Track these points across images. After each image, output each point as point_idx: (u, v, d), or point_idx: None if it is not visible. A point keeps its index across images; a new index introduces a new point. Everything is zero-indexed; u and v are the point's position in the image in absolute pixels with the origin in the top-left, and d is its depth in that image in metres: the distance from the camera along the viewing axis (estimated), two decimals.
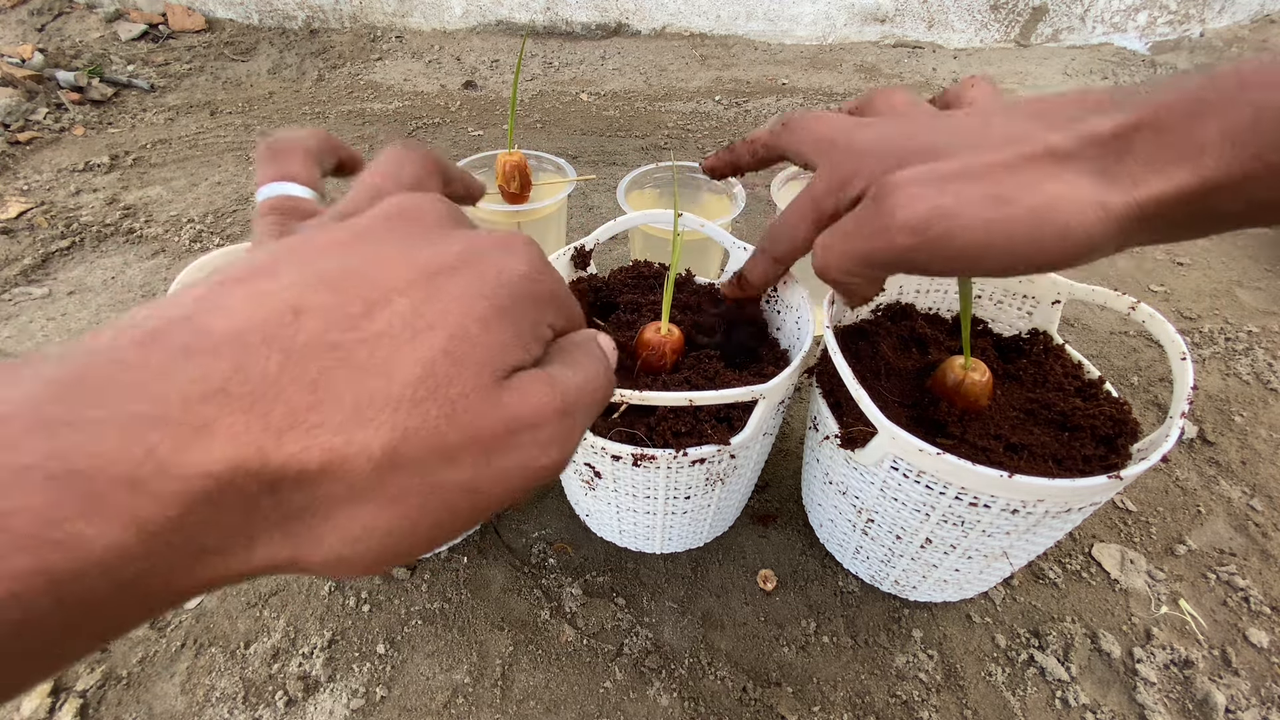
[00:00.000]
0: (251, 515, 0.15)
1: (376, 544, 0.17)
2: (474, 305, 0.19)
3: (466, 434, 0.17)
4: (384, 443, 0.16)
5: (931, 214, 0.26)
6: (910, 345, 0.48)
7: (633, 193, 0.65)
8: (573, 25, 1.60)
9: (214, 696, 0.44)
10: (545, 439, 0.19)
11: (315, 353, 0.16)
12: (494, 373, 0.18)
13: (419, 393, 0.17)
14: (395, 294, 0.18)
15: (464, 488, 0.17)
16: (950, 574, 0.44)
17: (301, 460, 0.15)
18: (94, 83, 1.28)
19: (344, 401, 0.16)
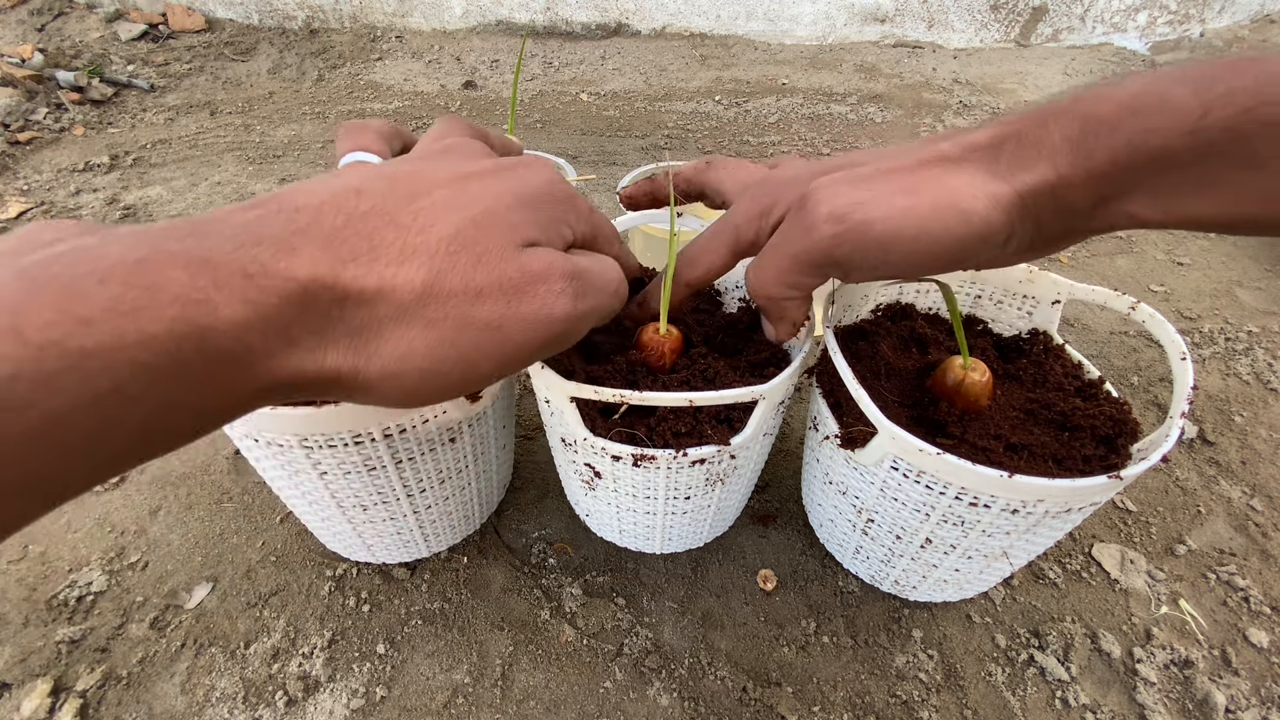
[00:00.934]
0: (326, 321, 0.19)
1: (419, 363, 0.21)
2: (500, 195, 0.24)
3: (491, 277, 0.22)
4: (424, 276, 0.21)
5: (850, 204, 0.29)
6: (910, 345, 0.48)
7: None
8: (573, 25, 1.60)
9: (214, 696, 0.44)
10: (557, 290, 0.23)
11: (371, 216, 0.21)
12: (514, 240, 0.23)
13: (453, 246, 0.22)
14: (436, 187, 0.23)
15: (490, 324, 0.22)
16: (950, 574, 0.44)
17: (361, 282, 0.20)
18: (94, 83, 1.28)
19: (393, 248, 0.21)
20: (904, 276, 0.33)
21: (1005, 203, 0.28)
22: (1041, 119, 0.28)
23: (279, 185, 1.02)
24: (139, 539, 0.53)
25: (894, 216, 0.28)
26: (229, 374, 0.18)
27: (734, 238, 0.36)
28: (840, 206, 0.29)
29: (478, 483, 0.49)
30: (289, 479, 0.41)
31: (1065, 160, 0.27)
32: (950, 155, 0.29)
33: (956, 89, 1.42)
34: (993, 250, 0.29)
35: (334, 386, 0.21)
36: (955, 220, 0.28)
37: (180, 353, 0.16)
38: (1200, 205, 0.26)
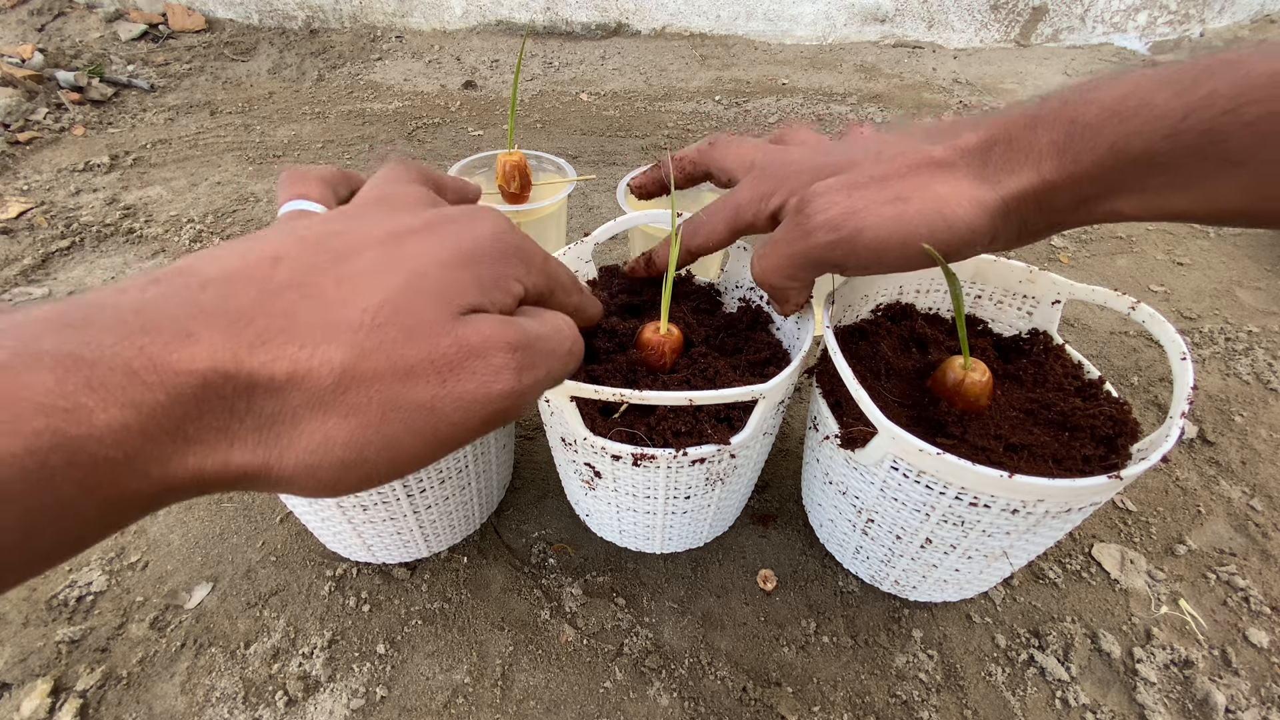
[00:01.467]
0: (230, 415, 0.17)
1: (339, 454, 0.19)
2: (436, 254, 0.22)
3: (422, 353, 0.20)
4: (344, 357, 0.18)
5: (844, 214, 0.31)
6: (910, 345, 0.48)
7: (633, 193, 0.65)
8: (573, 25, 1.60)
9: (214, 696, 0.44)
10: (497, 365, 0.21)
11: (288, 289, 0.19)
12: (451, 307, 0.21)
13: (378, 318, 0.19)
14: (365, 249, 0.21)
15: (421, 406, 0.20)
16: (950, 574, 0.44)
17: (271, 369, 0.17)
18: (94, 83, 1.28)
19: (311, 325, 0.18)
20: (897, 271, 0.35)
21: (990, 208, 0.29)
22: (1030, 122, 0.29)
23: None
24: (139, 539, 0.53)
25: (883, 225, 0.30)
26: (111, 483, 0.16)
27: (734, 215, 0.38)
28: (835, 216, 0.31)
29: (478, 483, 0.49)
30: None
31: (1051, 165, 0.28)
32: (941, 160, 0.31)
33: (956, 89, 1.42)
34: (976, 250, 0.31)
35: (244, 483, 0.18)
36: (941, 227, 0.30)
37: (46, 468, 0.14)
38: (1182, 201, 0.27)
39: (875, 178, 0.31)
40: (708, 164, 0.43)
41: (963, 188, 0.30)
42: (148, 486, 0.16)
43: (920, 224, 0.30)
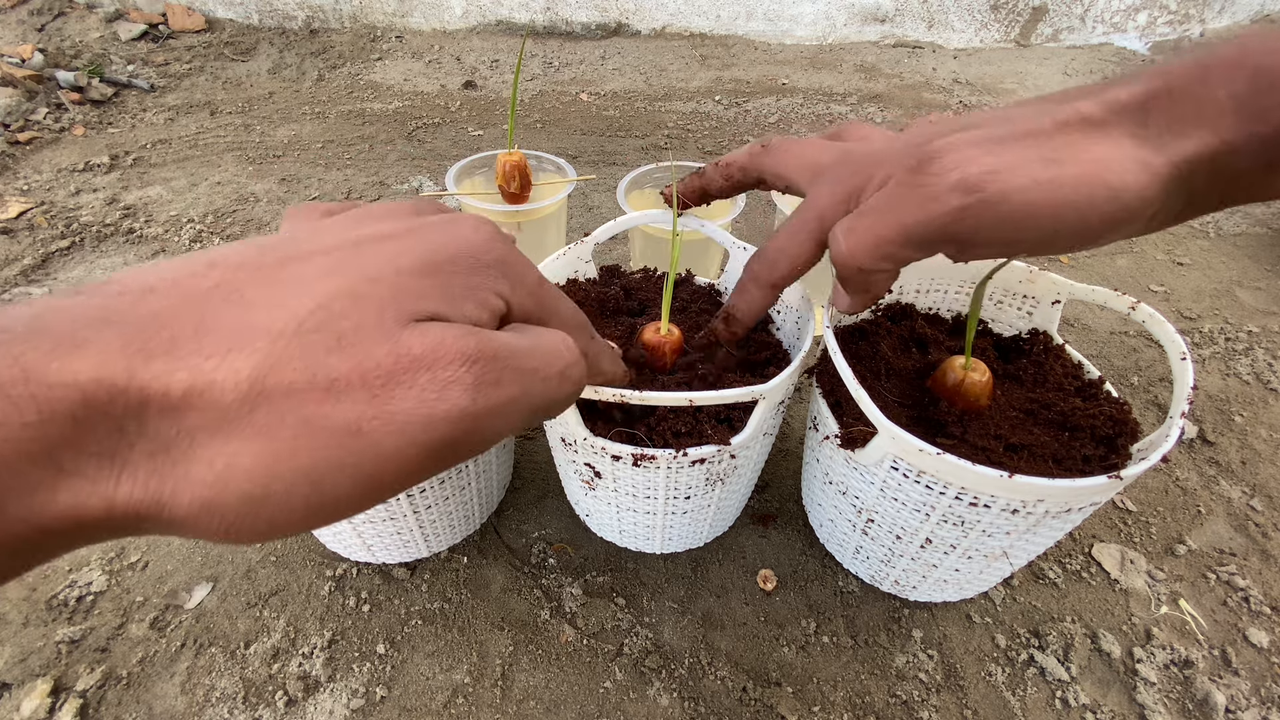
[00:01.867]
0: (118, 439, 0.14)
1: (242, 486, 0.15)
2: (397, 259, 0.18)
3: (351, 364, 0.16)
4: (254, 367, 0.15)
5: (984, 174, 0.24)
6: (910, 345, 0.48)
7: (633, 193, 0.65)
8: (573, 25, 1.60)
9: (214, 696, 0.44)
10: (446, 379, 0.17)
11: (214, 294, 0.16)
12: (400, 314, 0.17)
13: (307, 324, 0.16)
14: (318, 254, 0.18)
15: (345, 429, 0.16)
16: (950, 574, 0.44)
17: (166, 382, 0.14)
18: (94, 83, 1.28)
19: (224, 332, 0.15)
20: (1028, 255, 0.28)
21: (1161, 174, 0.24)
22: (1200, 74, 0.23)
23: (279, 185, 1.02)
24: (139, 539, 0.53)
25: (1033, 189, 0.24)
26: None
27: (819, 228, 0.32)
28: (973, 175, 0.25)
29: (477, 483, 0.49)
30: None
31: (1230, 123, 0.23)
32: (1092, 117, 0.25)
33: (956, 89, 1.42)
34: (1136, 227, 0.26)
35: (135, 526, 0.15)
36: (1103, 196, 0.24)
37: None
38: None
39: (1016, 134, 0.25)
40: (760, 170, 0.38)
41: (1125, 149, 0.24)
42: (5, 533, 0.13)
43: (1078, 192, 0.24)
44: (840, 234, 0.29)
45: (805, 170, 0.35)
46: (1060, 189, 0.24)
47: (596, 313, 0.48)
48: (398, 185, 1.03)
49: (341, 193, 1.01)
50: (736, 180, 0.40)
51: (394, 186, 1.03)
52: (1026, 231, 0.25)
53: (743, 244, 0.51)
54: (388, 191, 1.02)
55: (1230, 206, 0.27)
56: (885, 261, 0.29)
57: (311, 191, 1.01)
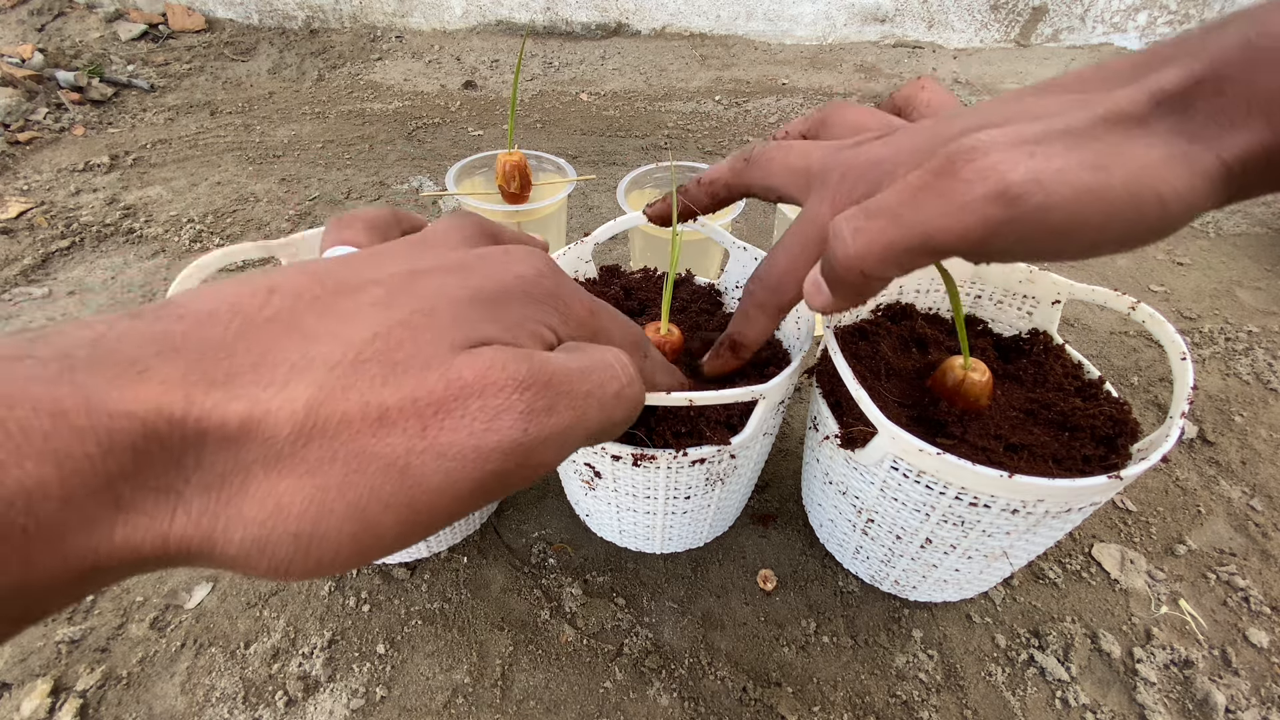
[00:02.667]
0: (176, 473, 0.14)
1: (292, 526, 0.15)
2: (452, 291, 0.18)
3: (403, 394, 0.15)
4: (310, 398, 0.15)
5: (1027, 182, 0.21)
6: (910, 345, 0.48)
7: (633, 193, 0.65)
8: (573, 25, 1.60)
9: (214, 696, 0.44)
10: (497, 406, 0.16)
11: (274, 323, 0.16)
12: (454, 341, 0.17)
13: (363, 354, 0.16)
14: (373, 284, 0.18)
15: (393, 464, 0.15)
16: (950, 574, 0.44)
17: (224, 413, 0.14)
18: (94, 83, 1.28)
19: (284, 363, 0.15)
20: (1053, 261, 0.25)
21: (1209, 176, 0.21)
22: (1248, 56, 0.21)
23: (279, 185, 1.02)
24: None
25: (1080, 201, 0.21)
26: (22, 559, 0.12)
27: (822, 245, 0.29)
28: (1015, 183, 0.21)
29: None
30: None
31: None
32: (1134, 113, 0.22)
33: (956, 89, 1.42)
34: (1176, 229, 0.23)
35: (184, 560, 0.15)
36: (1153, 207, 0.21)
37: None
38: None
39: (1055, 132, 0.22)
40: (746, 184, 0.36)
41: (1173, 150, 0.21)
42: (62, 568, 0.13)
43: (1127, 203, 0.21)
44: (847, 232, 0.26)
45: (795, 177, 0.32)
46: (1109, 200, 0.21)
47: None
48: (398, 185, 1.03)
49: (342, 193, 1.01)
50: (721, 197, 0.38)
51: (394, 186, 1.03)
52: (1068, 244, 0.22)
53: (743, 244, 0.51)
54: (388, 191, 1.02)
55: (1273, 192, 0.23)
56: (895, 268, 0.25)
57: (312, 191, 1.01)
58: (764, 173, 0.34)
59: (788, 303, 0.33)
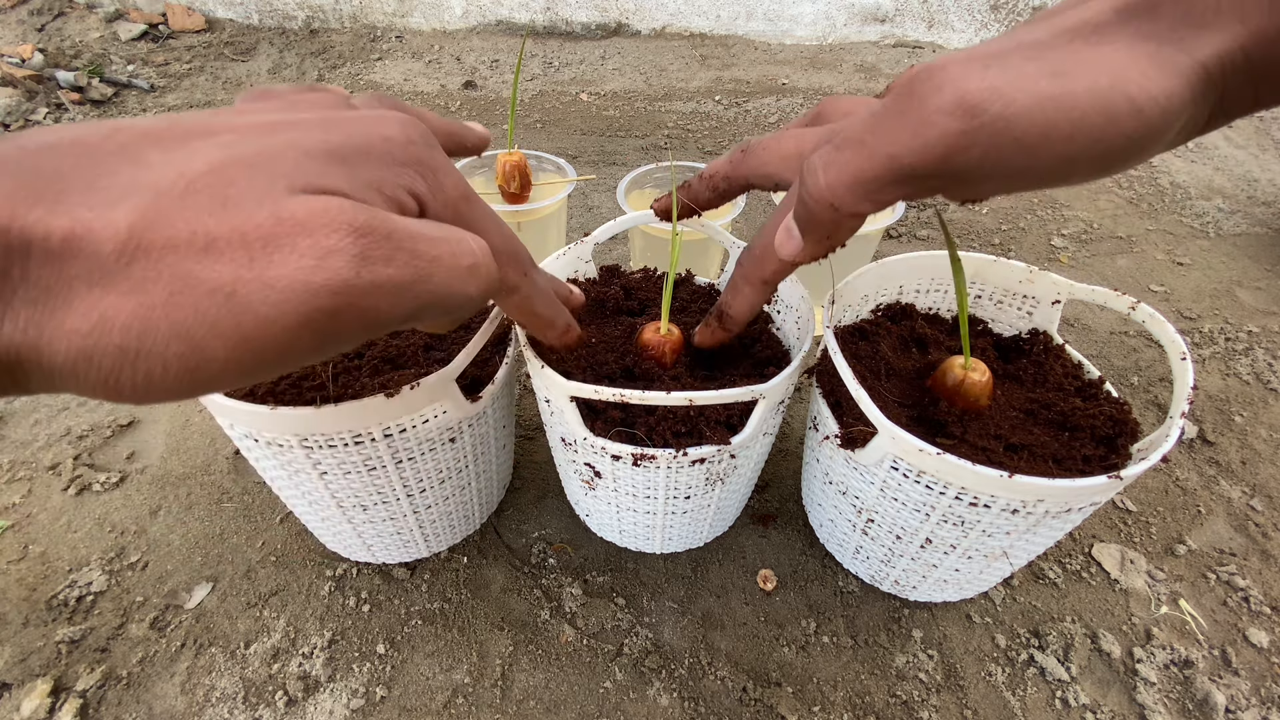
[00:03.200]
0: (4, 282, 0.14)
1: (117, 339, 0.15)
2: (304, 142, 0.18)
3: (231, 224, 0.16)
4: (133, 220, 0.15)
5: (984, 91, 0.21)
6: (910, 345, 0.48)
7: (633, 193, 0.65)
8: (573, 25, 1.60)
9: (214, 696, 0.44)
10: (326, 247, 0.16)
11: (114, 155, 0.16)
12: (291, 185, 0.17)
13: (195, 185, 0.16)
14: (229, 129, 0.18)
15: (219, 288, 0.15)
16: (950, 574, 0.44)
17: (47, 227, 0.15)
18: (94, 83, 1.28)
19: (115, 187, 0.15)
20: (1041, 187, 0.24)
21: (1185, 77, 0.21)
22: None
23: None
24: (139, 539, 0.53)
25: (1043, 107, 0.20)
26: None
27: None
28: (971, 94, 0.21)
29: (478, 482, 0.49)
30: (289, 479, 0.41)
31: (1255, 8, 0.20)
32: (1098, 21, 0.22)
33: None
34: (1163, 142, 0.22)
35: (18, 371, 0.15)
36: (1124, 111, 0.20)
37: None
38: None
39: (1017, 47, 0.22)
40: (745, 175, 0.36)
41: (1140, 54, 0.21)
42: None
43: (1094, 108, 0.20)
44: (819, 166, 0.25)
45: (790, 162, 0.33)
46: (1072, 106, 0.20)
47: (596, 312, 0.48)
48: None
49: None
50: (722, 190, 0.38)
51: None
52: (1039, 158, 0.21)
53: (742, 244, 0.51)
54: None
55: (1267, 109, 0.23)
56: (866, 201, 0.25)
57: None
58: (760, 161, 0.35)
59: (772, 275, 0.33)
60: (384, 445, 0.39)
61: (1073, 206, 1.00)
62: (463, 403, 0.40)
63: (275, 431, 0.36)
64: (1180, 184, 1.06)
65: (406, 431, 0.39)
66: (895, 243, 0.91)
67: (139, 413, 0.63)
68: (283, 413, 0.35)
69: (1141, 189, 1.05)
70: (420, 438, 0.40)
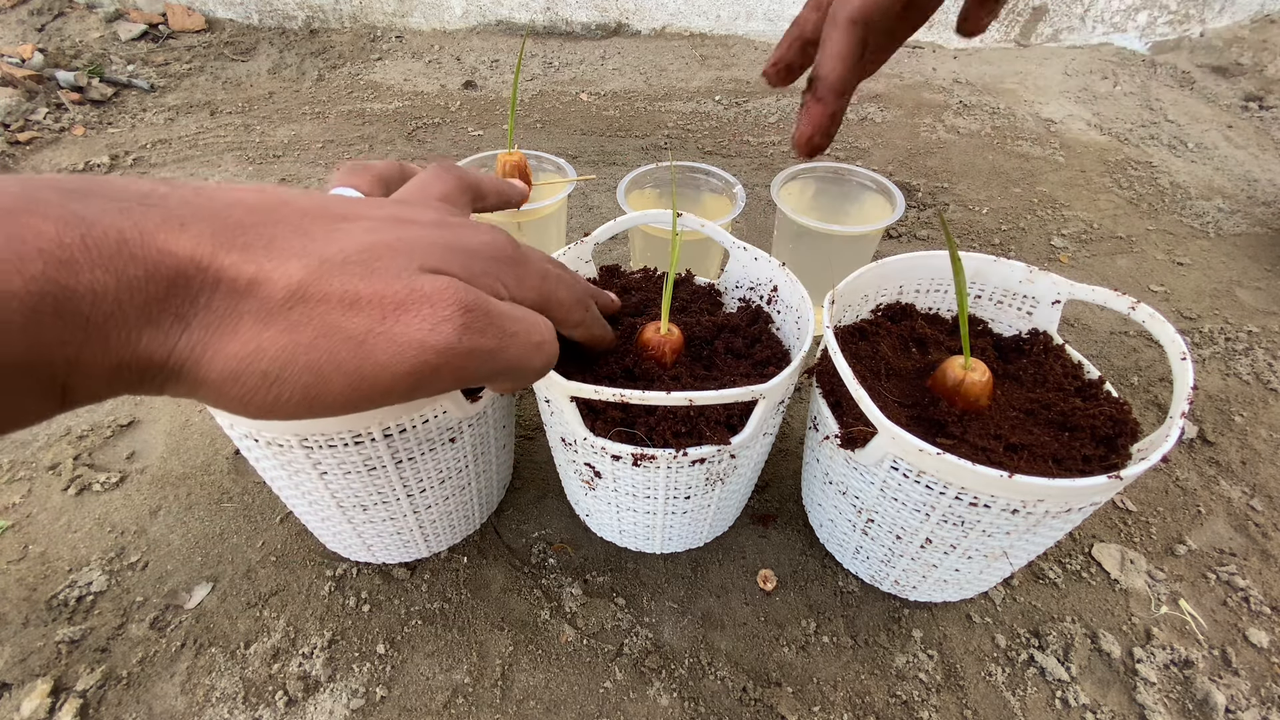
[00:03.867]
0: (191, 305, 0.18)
1: (263, 366, 0.19)
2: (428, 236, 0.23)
3: (373, 289, 0.20)
4: (302, 276, 0.19)
5: None
6: (910, 345, 0.48)
7: (633, 193, 0.65)
8: (573, 25, 1.60)
9: (214, 696, 0.44)
10: (443, 316, 0.21)
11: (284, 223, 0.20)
12: (423, 265, 0.22)
13: (351, 257, 0.20)
14: (366, 218, 0.23)
15: (354, 337, 0.20)
16: (950, 574, 0.44)
17: (238, 270, 0.19)
18: (94, 83, 1.28)
19: (290, 249, 0.20)
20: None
21: None
22: None
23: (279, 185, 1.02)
24: (139, 539, 0.53)
25: None
26: (82, 342, 0.17)
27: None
28: None
29: (478, 482, 0.49)
30: (289, 479, 0.41)
31: None
32: None
33: (956, 89, 1.42)
34: None
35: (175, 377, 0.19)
36: None
37: (38, 311, 0.15)
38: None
39: None
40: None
41: None
42: (103, 356, 0.17)
43: None
44: None
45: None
46: None
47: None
48: None
49: None
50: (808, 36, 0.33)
51: None
52: None
53: (743, 244, 0.51)
54: None
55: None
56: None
57: None
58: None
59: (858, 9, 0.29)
60: (384, 445, 0.39)
61: (1072, 206, 1.00)
62: (463, 403, 0.40)
63: (275, 431, 0.36)
64: (1180, 184, 1.06)
65: (406, 431, 0.39)
66: (895, 243, 0.91)
67: (139, 413, 0.63)
68: None
69: (1141, 189, 1.05)
70: (420, 438, 0.40)
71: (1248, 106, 1.31)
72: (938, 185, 1.04)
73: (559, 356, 0.41)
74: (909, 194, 1.01)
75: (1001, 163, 1.11)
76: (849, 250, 0.63)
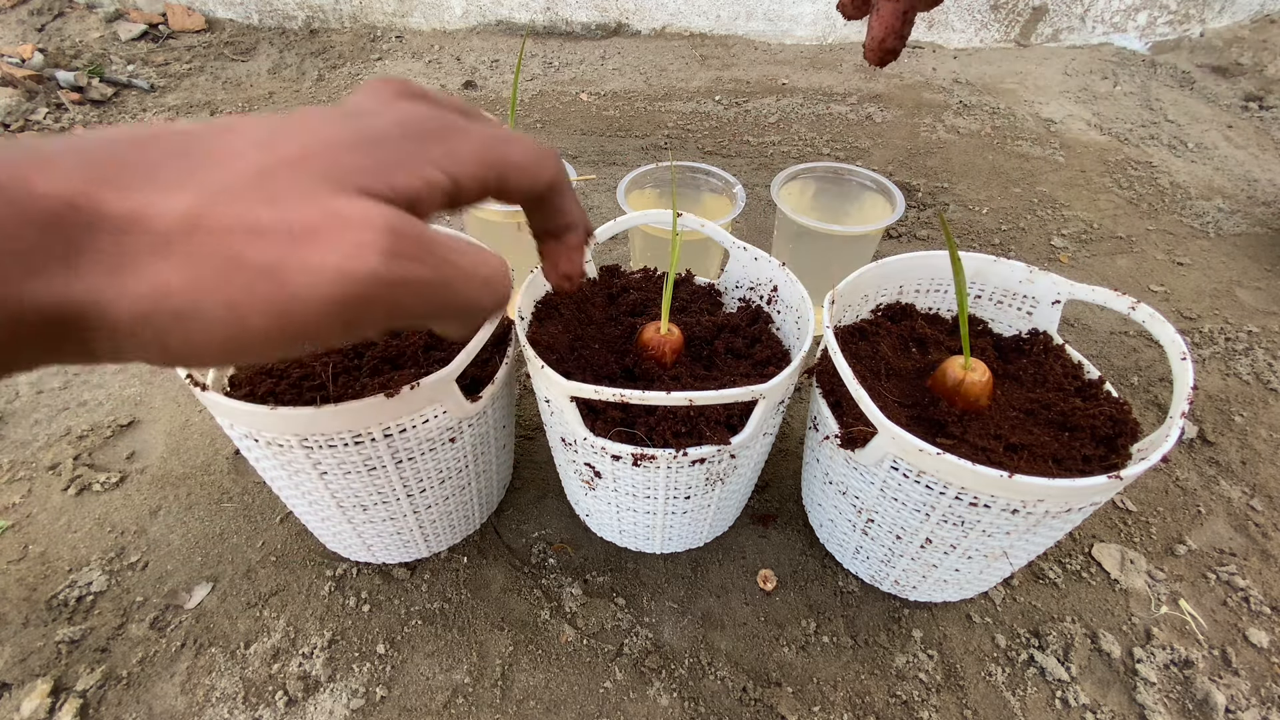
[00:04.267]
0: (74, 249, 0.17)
1: (173, 303, 0.17)
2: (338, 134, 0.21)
3: (278, 215, 0.18)
4: (191, 204, 0.18)
5: None
6: (910, 345, 0.48)
7: (633, 193, 0.65)
8: (573, 25, 1.60)
9: (214, 696, 0.44)
10: (363, 240, 0.18)
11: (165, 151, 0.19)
12: (335, 184, 0.19)
13: (244, 182, 0.18)
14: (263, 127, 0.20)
15: (265, 267, 0.18)
16: (950, 574, 0.44)
17: (115, 205, 0.17)
18: (94, 83, 1.28)
19: (174, 177, 0.18)
20: None
21: None
22: None
23: None
24: (139, 539, 0.53)
25: None
26: None
27: None
28: None
29: (478, 482, 0.49)
30: (289, 479, 0.41)
31: None
32: None
33: (956, 89, 1.42)
34: None
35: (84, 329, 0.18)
36: None
37: None
38: None
39: None
40: None
41: None
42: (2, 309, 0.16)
43: None
44: None
45: None
46: None
47: (597, 312, 0.48)
48: None
49: None
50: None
51: None
52: None
53: (742, 244, 0.51)
54: None
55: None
56: None
57: None
58: None
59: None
60: (384, 445, 0.39)
61: (1072, 206, 1.00)
62: (463, 403, 0.40)
63: (275, 431, 0.36)
64: (1180, 184, 1.06)
65: (406, 431, 0.39)
66: (895, 243, 0.91)
67: (139, 413, 0.63)
68: (283, 413, 0.35)
69: (1141, 189, 1.05)
70: (420, 438, 0.40)
71: (1248, 106, 1.31)
72: (938, 185, 1.04)
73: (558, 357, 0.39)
74: (909, 194, 1.01)
75: (1001, 163, 1.11)
76: (849, 250, 0.63)
